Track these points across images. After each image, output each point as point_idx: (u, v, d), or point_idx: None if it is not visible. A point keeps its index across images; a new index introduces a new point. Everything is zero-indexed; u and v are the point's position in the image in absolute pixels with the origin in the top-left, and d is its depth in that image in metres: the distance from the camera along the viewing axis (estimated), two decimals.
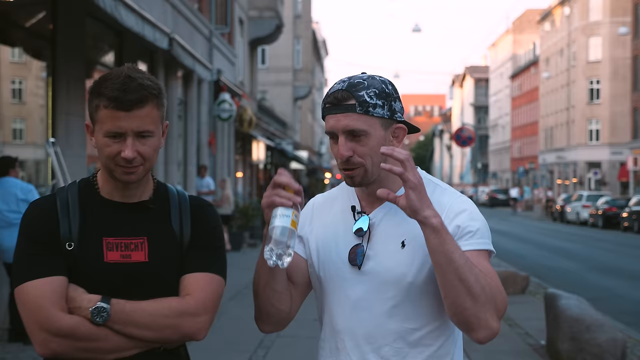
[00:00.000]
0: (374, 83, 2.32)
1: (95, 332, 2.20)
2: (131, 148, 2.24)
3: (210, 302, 2.32)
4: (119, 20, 9.83)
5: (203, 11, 20.73)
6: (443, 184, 2.42)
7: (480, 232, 2.29)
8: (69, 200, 2.33)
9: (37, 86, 10.65)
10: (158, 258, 2.32)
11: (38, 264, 2.24)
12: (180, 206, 2.41)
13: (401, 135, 2.37)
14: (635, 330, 10.29)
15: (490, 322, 2.17)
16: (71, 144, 10.59)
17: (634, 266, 19.66)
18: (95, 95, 2.25)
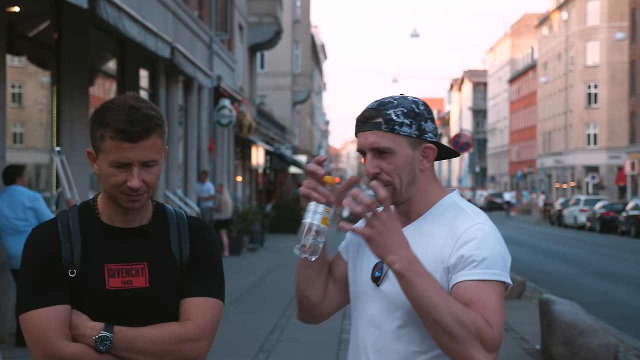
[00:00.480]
0: (403, 102, 2.34)
1: (99, 359, 2.25)
2: (137, 178, 2.27)
3: (209, 326, 2.36)
4: (122, 31, 10.03)
5: (203, 18, 20.93)
6: (471, 209, 2.38)
7: (486, 262, 2.23)
8: (70, 226, 2.36)
9: (35, 90, 10.83)
10: (159, 283, 2.35)
11: (41, 292, 2.27)
12: (179, 228, 2.43)
13: (431, 155, 2.37)
14: (629, 334, 10.48)
15: (475, 357, 2.15)
16: (75, 151, 10.77)
17: (630, 271, 19.84)
18: (99, 125, 2.26)
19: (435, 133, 2.38)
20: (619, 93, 61.43)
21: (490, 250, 2.25)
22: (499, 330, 2.17)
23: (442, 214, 2.36)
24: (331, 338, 9.57)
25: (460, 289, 2.21)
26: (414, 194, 2.36)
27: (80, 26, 11.19)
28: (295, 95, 51.66)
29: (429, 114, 2.36)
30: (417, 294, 2.15)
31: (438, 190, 2.41)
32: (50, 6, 10.51)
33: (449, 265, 2.25)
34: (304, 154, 57.87)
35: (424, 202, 2.38)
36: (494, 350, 2.17)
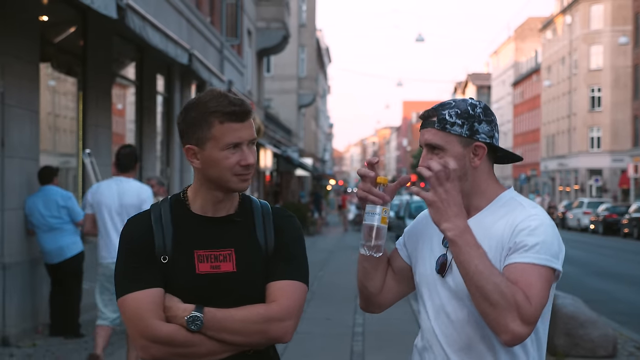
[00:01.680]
0: (460, 104, 2.52)
1: (191, 338, 2.40)
2: (250, 155, 2.49)
3: (294, 307, 2.47)
4: (146, 39, 10.55)
5: (215, 24, 21.46)
6: (528, 203, 2.52)
7: (536, 248, 2.36)
8: (162, 216, 2.52)
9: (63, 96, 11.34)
10: (245, 268, 2.49)
11: (137, 276, 2.44)
12: (264, 218, 2.58)
13: (481, 154, 2.50)
14: (629, 328, 10.96)
15: (511, 327, 2.28)
16: (100, 153, 11.29)
17: (633, 271, 20.33)
18: (203, 115, 2.44)
19: (490, 135, 2.52)
20: (622, 96, 61.85)
21: (543, 237, 2.38)
22: (537, 308, 2.31)
23: (500, 208, 2.51)
24: (344, 330, 10.07)
25: (510, 269, 2.36)
26: (471, 189, 2.52)
27: (104, 34, 11.72)
28: (300, 99, 52.16)
29: (487, 117, 2.52)
30: (465, 260, 2.32)
31: (496, 186, 2.57)
32: (77, 15, 11.03)
33: (508, 249, 2.40)
34: (309, 157, 58.35)
35: (482, 197, 2.54)
36: (530, 324, 2.29)
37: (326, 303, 12.65)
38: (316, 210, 40.20)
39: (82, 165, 10.96)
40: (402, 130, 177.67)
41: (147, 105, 14.71)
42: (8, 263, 8.65)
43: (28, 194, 9.08)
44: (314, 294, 13.79)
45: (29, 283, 9.19)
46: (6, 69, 8.57)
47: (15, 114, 8.80)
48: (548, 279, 2.36)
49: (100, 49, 11.75)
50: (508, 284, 2.29)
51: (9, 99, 8.63)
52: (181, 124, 2.50)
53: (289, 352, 8.76)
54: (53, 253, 9.01)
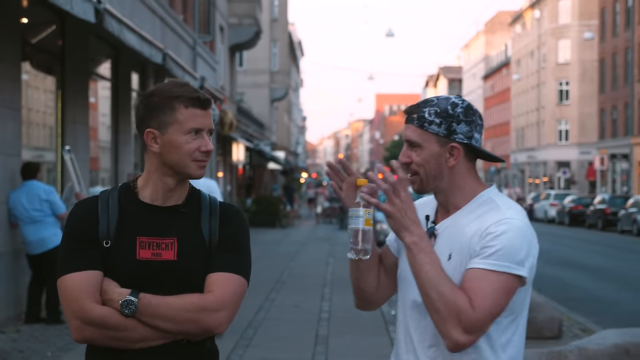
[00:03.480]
0: (441, 103, 2.52)
1: (124, 322, 2.42)
2: (209, 142, 2.54)
3: (229, 299, 2.49)
4: (123, 40, 11.09)
5: (187, 21, 21.97)
6: (505, 203, 2.50)
7: (498, 254, 2.36)
8: (110, 202, 2.55)
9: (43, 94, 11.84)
10: (186, 257, 2.51)
11: (77, 258, 2.46)
12: (211, 211, 2.60)
13: (457, 154, 2.50)
14: (578, 313, 11.68)
15: (452, 335, 2.32)
16: (78, 149, 11.82)
17: (590, 260, 21.15)
18: (168, 100, 2.48)
19: (468, 136, 2.51)
20: (589, 90, 62.91)
21: (507, 243, 2.36)
22: (482, 314, 2.31)
23: (477, 208, 2.51)
24: (311, 317, 10.70)
25: (466, 275, 2.38)
26: (448, 188, 2.54)
27: (81, 34, 12.24)
28: (273, 93, 52.66)
29: (467, 117, 2.51)
30: (417, 267, 2.37)
31: (475, 185, 2.56)
32: (55, 16, 11.52)
33: (472, 253, 2.42)
34: (282, 150, 58.89)
35: (460, 196, 2.54)
36: (472, 332, 2.31)
37: (295, 291, 13.27)
38: (288, 203, 40.83)
39: (62, 160, 11.48)
40: (375, 123, 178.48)
41: (122, 102, 15.24)
42: None
43: (11, 189, 9.60)
44: (284, 283, 14.41)
45: (13, 273, 9.73)
46: None
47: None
48: (505, 285, 2.35)
49: (78, 49, 12.27)
50: (453, 292, 2.33)
51: None
52: (141, 110, 2.54)
53: (258, 336, 9.37)
54: (35, 244, 9.55)
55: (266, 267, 16.80)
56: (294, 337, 9.43)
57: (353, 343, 9.06)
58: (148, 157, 2.55)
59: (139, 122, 2.55)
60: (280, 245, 24.12)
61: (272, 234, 28.73)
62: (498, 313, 2.36)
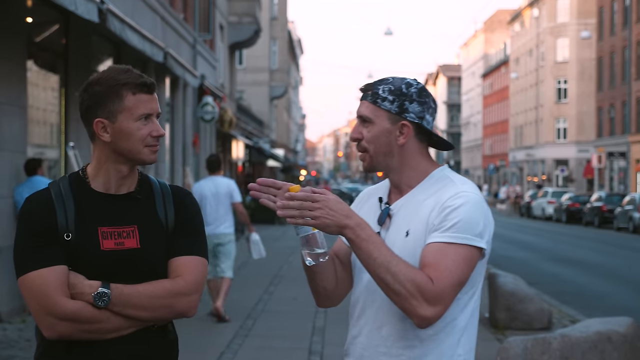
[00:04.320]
0: (396, 82, 2.54)
1: (97, 315, 2.41)
2: (160, 127, 2.54)
3: (199, 282, 2.53)
4: (126, 39, 11.37)
5: (188, 20, 22.25)
6: (459, 179, 2.54)
7: (457, 227, 2.39)
8: (63, 193, 2.50)
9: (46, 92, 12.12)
10: (148, 244, 2.51)
11: (40, 254, 2.41)
12: (164, 195, 2.61)
13: (407, 133, 2.51)
14: (570, 307, 11.96)
15: (418, 311, 2.33)
16: (81, 146, 12.09)
17: (584, 257, 21.43)
18: (114, 88, 2.45)
19: (420, 116, 2.52)
20: (587, 88, 63.18)
21: (465, 215, 2.40)
22: (444, 287, 2.33)
23: (432, 185, 2.52)
24: (309, 309, 10.96)
25: (426, 250, 2.40)
26: (400, 167, 2.55)
27: (84, 33, 12.51)
28: (272, 91, 52.93)
29: (420, 98, 2.52)
30: (364, 256, 2.37)
31: (427, 164, 2.57)
32: (59, 16, 11.79)
33: (430, 227, 2.44)
34: (281, 148, 59.19)
35: (413, 175, 2.55)
36: (436, 304, 2.33)
37: (294, 285, 13.53)
38: None
39: (65, 157, 11.75)
40: None
41: None
42: (0, 246, 9.46)
43: (16, 184, 9.88)
44: (283, 277, 14.70)
45: None
46: None
47: (6, 111, 9.59)
48: (466, 256, 2.38)
49: (81, 48, 12.54)
50: (408, 270, 2.34)
51: (0, 97, 9.42)
52: (87, 99, 2.49)
53: (257, 326, 9.65)
54: None
55: (265, 261, 16.98)
56: (291, 327, 9.71)
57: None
58: (97, 146, 2.52)
59: (85, 112, 2.50)
60: (279, 241, 24.39)
61: (271, 230, 28.99)
62: (460, 284, 2.38)
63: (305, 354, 8.24)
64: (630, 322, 6.65)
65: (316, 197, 2.37)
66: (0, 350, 8.05)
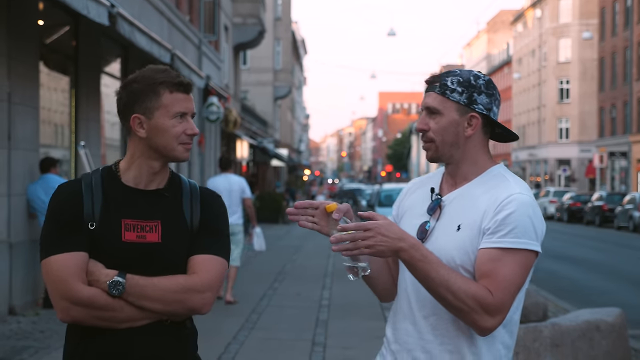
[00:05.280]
0: (464, 74, 2.54)
1: (111, 303, 2.47)
2: (194, 125, 2.62)
3: (214, 280, 2.56)
4: (134, 41, 11.71)
5: (193, 22, 22.60)
6: (514, 179, 2.53)
7: (515, 231, 2.40)
8: (93, 185, 2.57)
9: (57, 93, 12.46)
10: (170, 240, 2.57)
11: (63, 240, 2.49)
12: (192, 195, 2.67)
13: (475, 124, 2.53)
14: (566, 302, 12.28)
15: (479, 324, 2.38)
16: (90, 145, 12.43)
17: (583, 255, 21.78)
18: (154, 86, 2.54)
19: (488, 108, 2.54)
20: (589, 88, 63.47)
21: (521, 220, 2.41)
22: (502, 296, 2.37)
23: (487, 181, 2.54)
24: (313, 304, 11.31)
25: (483, 257, 2.42)
26: (462, 158, 2.56)
27: (93, 35, 12.86)
28: (276, 91, 53.26)
29: (488, 90, 2.54)
30: (421, 276, 2.40)
31: (487, 159, 2.58)
32: (70, 18, 12.13)
33: (485, 228, 2.44)
34: (285, 148, 59.50)
35: (472, 169, 2.56)
36: (497, 314, 2.37)
37: (298, 282, 13.88)
38: (291, 200, 41.50)
39: (75, 156, 12.10)
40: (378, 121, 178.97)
41: None
42: (14, 242, 9.80)
43: (30, 182, 10.22)
44: (287, 274, 15.03)
45: (31, 260, 10.33)
46: (12, 72, 9.70)
47: (20, 111, 9.93)
48: (524, 262, 2.41)
49: (90, 49, 12.89)
50: (466, 285, 2.38)
51: (14, 98, 9.76)
52: (125, 96, 2.59)
53: (262, 320, 9.98)
54: None
55: (270, 259, 17.41)
56: (295, 320, 10.04)
57: (351, 326, 9.66)
58: (132, 141, 2.61)
59: (122, 108, 2.60)
60: (283, 239, 24.74)
61: (275, 229, 29.34)
62: (518, 291, 2.41)
63: (308, 345, 8.56)
64: (619, 313, 6.97)
65: (367, 224, 2.37)
66: (16, 341, 8.39)
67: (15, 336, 8.62)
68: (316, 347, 8.47)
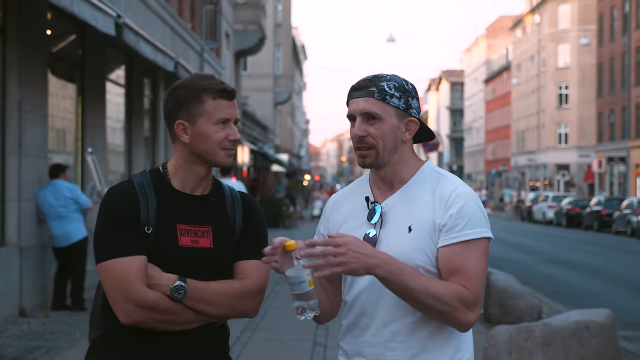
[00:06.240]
0: (395, 78, 2.56)
1: (172, 306, 2.51)
2: (237, 131, 2.65)
3: (264, 285, 2.66)
4: (139, 51, 12.01)
5: (195, 29, 22.93)
6: (449, 174, 2.59)
7: (470, 224, 2.47)
8: (145, 187, 2.61)
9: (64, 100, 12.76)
10: (220, 245, 2.63)
11: (124, 242, 2.52)
12: (233, 200, 2.74)
13: (413, 129, 2.58)
14: (562, 304, 12.55)
15: (462, 320, 2.43)
16: (96, 151, 12.72)
17: (580, 259, 22.04)
18: (196, 92, 2.57)
19: (418, 111, 2.59)
20: (588, 94, 63.77)
21: (473, 210, 2.49)
22: (477, 289, 2.45)
23: (424, 180, 2.57)
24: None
25: (448, 254, 2.46)
26: (397, 162, 2.57)
27: (99, 44, 13.16)
28: (276, 97, 53.53)
29: (416, 94, 2.59)
30: (400, 289, 2.41)
31: (417, 160, 2.63)
32: (77, 27, 12.43)
33: (440, 224, 2.48)
34: (285, 153, 59.77)
35: (407, 170, 2.59)
36: (476, 307, 2.44)
37: None
38: (291, 204, 41.79)
39: (82, 162, 12.40)
40: None
41: (135, 106, 16.17)
42: (24, 246, 10.10)
43: (39, 187, 10.52)
44: None
45: (40, 264, 10.64)
46: (22, 80, 10.01)
47: (30, 119, 10.23)
48: (484, 250, 2.49)
49: (96, 57, 13.20)
50: (445, 287, 2.42)
51: (24, 106, 10.07)
52: (170, 102, 2.62)
53: (265, 321, 10.26)
54: (61, 238, 10.47)
55: None
56: (297, 322, 10.29)
57: None
58: (177, 147, 2.65)
59: (168, 113, 2.64)
60: None
61: (276, 234, 29.34)
62: (485, 277, 2.50)
63: (309, 345, 8.85)
64: (608, 313, 7.27)
65: (337, 240, 2.37)
66: (27, 341, 8.68)
67: (27, 337, 8.92)
68: (317, 348, 8.76)
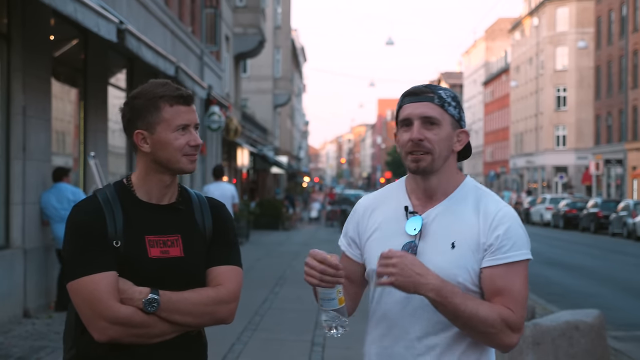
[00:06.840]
0: (448, 89, 2.56)
1: (147, 320, 2.49)
2: (197, 136, 2.61)
3: (238, 290, 2.65)
4: (141, 56, 12.23)
5: (195, 33, 23.14)
6: (490, 192, 2.58)
7: (516, 245, 2.47)
8: (110, 201, 2.57)
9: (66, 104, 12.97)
10: (191, 253, 2.61)
11: (92, 260, 2.48)
12: (201, 206, 2.70)
13: (463, 140, 2.56)
14: (556, 305, 12.76)
15: (506, 342, 2.45)
16: (98, 155, 12.93)
17: (576, 260, 22.27)
18: (153, 101, 2.54)
19: (465, 125, 2.59)
20: (586, 96, 64.03)
21: (519, 232, 2.49)
22: (521, 312, 2.46)
23: (466, 195, 2.55)
24: (312, 307, 11.77)
25: (494, 274, 2.45)
26: (444, 172, 2.55)
27: (101, 49, 13.38)
28: (276, 99, 53.73)
29: (463, 110, 2.60)
30: (451, 311, 2.40)
31: (459, 173, 2.60)
32: (79, 33, 12.64)
33: (486, 244, 2.47)
34: (285, 155, 59.98)
35: (451, 182, 2.56)
36: (520, 329, 2.46)
37: (298, 286, 14.34)
38: (291, 206, 42.00)
39: (84, 166, 12.61)
40: (377, 127, 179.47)
41: None
42: (28, 248, 10.31)
43: (43, 190, 10.73)
44: (287, 279, 15.51)
45: (44, 266, 10.85)
46: (27, 86, 10.22)
47: (33, 124, 10.45)
48: (525, 272, 2.50)
49: (98, 62, 13.42)
50: (492, 310, 2.42)
51: (28, 111, 10.28)
52: (127, 112, 2.60)
53: (264, 322, 10.47)
54: None
55: (270, 265, 17.92)
56: (296, 322, 10.54)
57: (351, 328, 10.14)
58: (139, 157, 2.63)
59: (126, 124, 2.61)
60: (283, 245, 25.21)
61: (275, 236, 29.82)
62: (527, 298, 2.49)
63: (308, 346, 9.06)
64: (598, 314, 7.47)
65: (391, 255, 2.40)
66: (32, 341, 8.89)
67: (32, 337, 9.13)
68: (315, 348, 8.97)
